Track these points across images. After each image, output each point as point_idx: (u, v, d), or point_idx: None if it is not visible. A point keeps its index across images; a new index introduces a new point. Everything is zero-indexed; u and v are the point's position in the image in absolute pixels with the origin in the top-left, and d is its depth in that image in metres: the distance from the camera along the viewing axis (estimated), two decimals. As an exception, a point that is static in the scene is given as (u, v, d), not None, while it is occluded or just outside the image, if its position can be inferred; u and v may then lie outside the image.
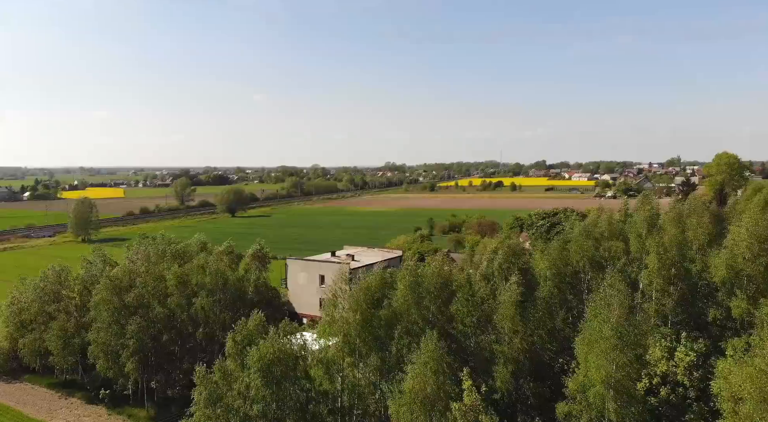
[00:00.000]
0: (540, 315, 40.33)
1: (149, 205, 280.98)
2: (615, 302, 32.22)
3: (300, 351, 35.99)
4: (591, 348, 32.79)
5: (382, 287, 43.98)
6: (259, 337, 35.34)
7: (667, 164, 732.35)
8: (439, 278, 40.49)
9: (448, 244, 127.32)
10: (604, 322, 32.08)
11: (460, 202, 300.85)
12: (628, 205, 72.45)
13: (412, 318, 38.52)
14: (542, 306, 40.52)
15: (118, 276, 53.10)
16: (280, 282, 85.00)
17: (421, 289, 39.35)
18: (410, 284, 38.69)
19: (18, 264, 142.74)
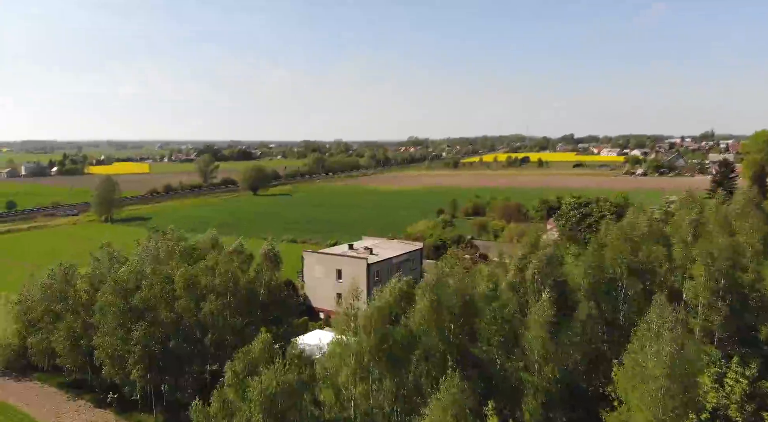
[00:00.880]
0: (578, 339, 36.02)
1: (173, 181, 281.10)
2: (666, 337, 28.12)
3: (309, 380, 32.79)
4: (635, 386, 28.95)
5: (401, 301, 40.56)
6: (263, 364, 32.18)
7: (700, 138, 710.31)
8: (462, 295, 36.60)
9: (471, 229, 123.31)
10: (652, 358, 28.08)
11: (484, 180, 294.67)
12: (669, 204, 67.32)
13: (432, 341, 34.94)
14: (579, 330, 36.25)
15: (123, 278, 50.50)
16: (296, 275, 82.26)
17: (441, 308, 35.66)
18: (429, 303, 34.98)
19: (40, 245, 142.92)
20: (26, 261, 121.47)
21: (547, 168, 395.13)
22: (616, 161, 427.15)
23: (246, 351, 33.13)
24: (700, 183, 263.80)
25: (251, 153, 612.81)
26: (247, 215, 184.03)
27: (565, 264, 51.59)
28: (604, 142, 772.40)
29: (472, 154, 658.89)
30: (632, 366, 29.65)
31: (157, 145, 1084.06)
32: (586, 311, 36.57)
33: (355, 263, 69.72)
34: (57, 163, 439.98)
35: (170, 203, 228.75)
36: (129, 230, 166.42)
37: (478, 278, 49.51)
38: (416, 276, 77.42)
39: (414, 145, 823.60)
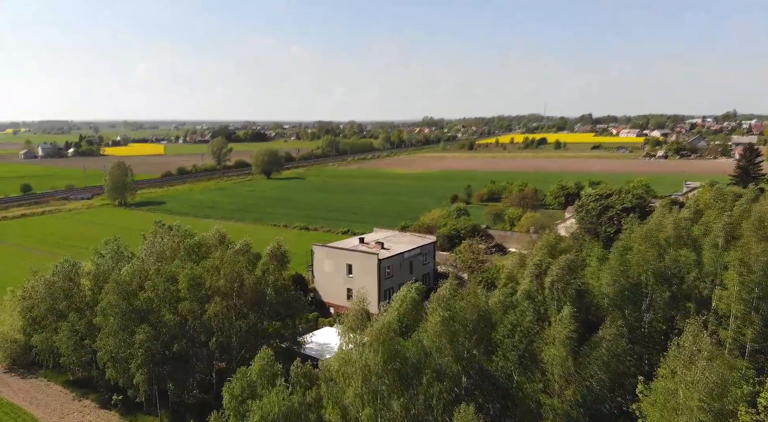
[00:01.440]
0: (604, 359, 33.23)
1: (187, 163, 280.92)
2: (702, 367, 25.58)
3: (315, 400, 30.81)
4: (665, 416, 26.54)
5: (412, 311, 38.35)
6: (263, 385, 30.24)
7: (721, 118, 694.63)
8: (476, 310, 34.14)
9: (486, 218, 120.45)
10: (686, 388, 25.61)
11: (501, 163, 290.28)
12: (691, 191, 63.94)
13: (445, 360, 32.69)
14: (606, 349, 33.48)
15: (125, 279, 48.86)
16: (306, 268, 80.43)
17: (455, 325, 33.29)
18: (442, 320, 32.63)
19: (53, 231, 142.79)
20: (38, 248, 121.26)
21: (565, 150, 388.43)
22: (635, 143, 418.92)
23: (244, 372, 31.17)
24: (722, 166, 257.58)
25: (265, 134, 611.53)
26: (259, 200, 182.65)
27: (588, 266, 49.04)
28: (622, 123, 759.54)
29: (488, 135, 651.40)
30: (663, 393, 27.21)
31: (173, 125, 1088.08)
32: (614, 330, 33.90)
33: (365, 258, 67.62)
34: (73, 145, 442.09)
35: (183, 186, 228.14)
36: (141, 215, 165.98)
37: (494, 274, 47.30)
38: (429, 271, 75.18)
39: (429, 125, 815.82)
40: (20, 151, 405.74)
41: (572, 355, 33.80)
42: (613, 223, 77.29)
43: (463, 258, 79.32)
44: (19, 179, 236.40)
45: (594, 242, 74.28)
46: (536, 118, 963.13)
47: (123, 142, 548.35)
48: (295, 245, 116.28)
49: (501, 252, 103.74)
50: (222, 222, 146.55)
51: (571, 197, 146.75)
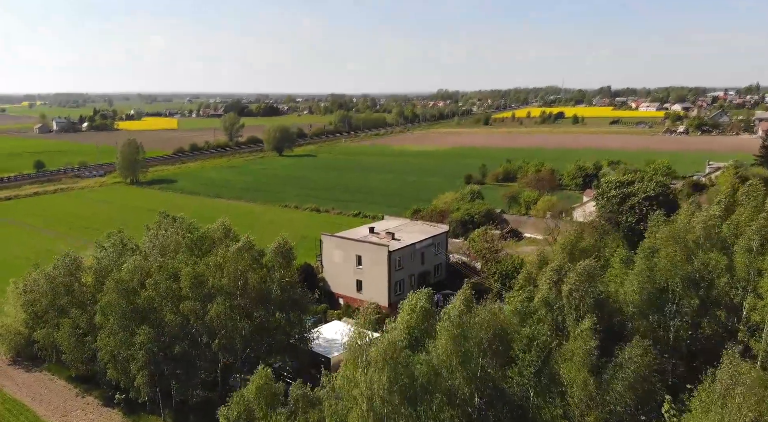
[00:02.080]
0: (630, 380, 30.60)
1: (200, 139, 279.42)
2: (740, 405, 23.06)
3: None
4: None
5: (423, 322, 36.08)
6: (262, 409, 28.30)
7: (744, 91, 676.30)
8: (491, 328, 31.65)
9: (501, 201, 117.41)
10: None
11: (517, 139, 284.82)
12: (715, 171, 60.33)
13: (456, 382, 30.44)
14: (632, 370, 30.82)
15: (125, 278, 47.07)
16: (315, 257, 78.42)
17: (467, 343, 30.90)
18: (452, 339, 30.26)
19: (65, 210, 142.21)
20: (50, 229, 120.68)
21: (583, 125, 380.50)
22: (655, 117, 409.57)
23: (241, 395, 29.24)
24: (745, 143, 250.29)
25: (278, 108, 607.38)
26: (271, 179, 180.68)
27: (611, 267, 46.31)
28: (642, 96, 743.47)
29: (504, 109, 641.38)
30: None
31: (187, 98, 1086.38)
32: (641, 351, 31.27)
33: (375, 250, 65.38)
34: (87, 119, 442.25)
35: (195, 164, 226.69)
36: (153, 194, 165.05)
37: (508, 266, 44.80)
38: (440, 261, 72.86)
39: (443, 98, 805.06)
40: (35, 126, 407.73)
41: (593, 373, 31.51)
42: (635, 213, 74.07)
43: (476, 248, 76.78)
44: (33, 155, 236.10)
45: (616, 237, 71.37)
46: (554, 90, 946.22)
47: (137, 115, 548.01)
48: (305, 228, 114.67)
49: (516, 238, 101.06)
50: (233, 203, 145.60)
51: (589, 178, 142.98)
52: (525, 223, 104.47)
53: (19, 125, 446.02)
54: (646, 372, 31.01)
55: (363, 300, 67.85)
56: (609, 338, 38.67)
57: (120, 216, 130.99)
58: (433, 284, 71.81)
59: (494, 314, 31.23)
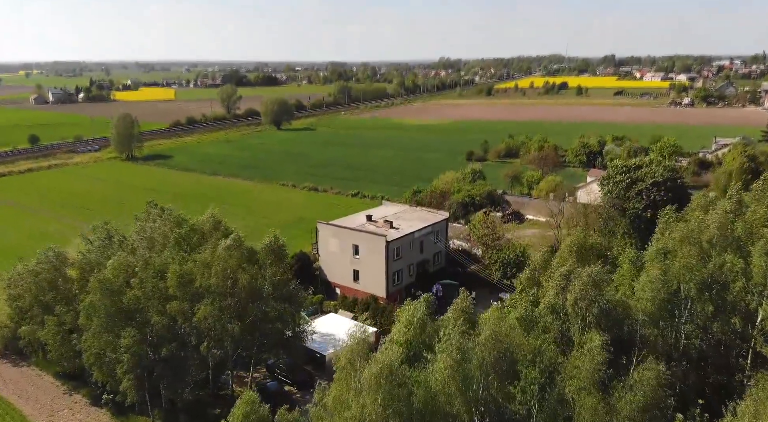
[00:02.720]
0: (641, 406, 28.41)
1: (197, 111, 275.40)
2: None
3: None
4: None
5: (422, 333, 33.95)
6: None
7: (750, 61, 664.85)
8: (494, 349, 29.29)
9: (503, 181, 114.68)
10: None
11: (520, 111, 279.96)
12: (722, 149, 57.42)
13: (455, 409, 28.38)
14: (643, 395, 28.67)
15: (109, 278, 44.84)
16: (311, 247, 76.22)
17: (469, 365, 28.64)
18: (452, 366, 27.98)
19: (59, 188, 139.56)
20: (43, 209, 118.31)
21: (587, 96, 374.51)
22: (660, 88, 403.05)
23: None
24: (751, 116, 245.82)
25: (276, 78, 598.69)
26: (268, 155, 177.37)
27: (620, 268, 44.04)
28: (646, 64, 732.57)
29: (507, 78, 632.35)
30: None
31: (185, 66, 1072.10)
32: (653, 374, 29.11)
33: (373, 240, 63.08)
34: (83, 90, 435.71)
35: (192, 138, 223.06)
36: (149, 171, 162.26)
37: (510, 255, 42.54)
38: (440, 250, 70.69)
39: (445, 67, 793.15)
40: (31, 96, 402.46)
41: (600, 389, 29.56)
42: (642, 198, 71.44)
43: (477, 234, 74.49)
44: (29, 128, 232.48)
45: (622, 223, 68.95)
46: (557, 59, 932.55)
47: (133, 86, 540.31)
48: (303, 208, 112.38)
49: (518, 221, 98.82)
50: (230, 180, 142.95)
51: (593, 155, 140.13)
52: (527, 205, 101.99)
53: (14, 96, 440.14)
54: (659, 396, 28.95)
55: (360, 290, 66.00)
56: (616, 347, 36.72)
57: (115, 196, 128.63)
58: (432, 273, 69.87)
59: (498, 336, 28.92)
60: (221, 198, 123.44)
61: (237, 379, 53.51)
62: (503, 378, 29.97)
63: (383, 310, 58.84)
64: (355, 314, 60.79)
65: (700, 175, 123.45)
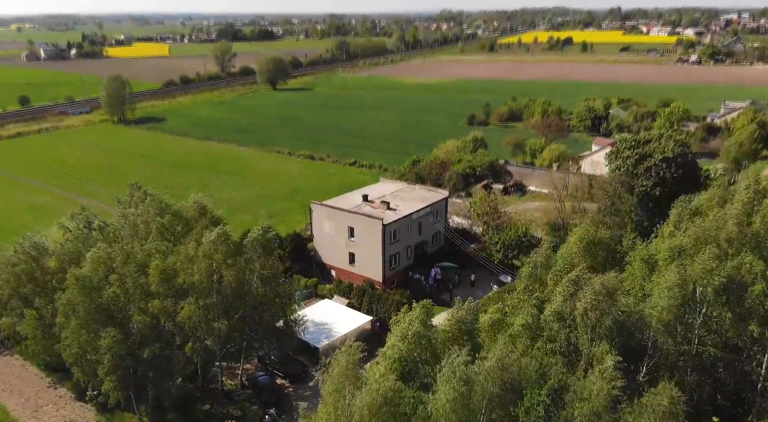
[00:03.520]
0: None
1: (191, 68, 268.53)
2: None
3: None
4: None
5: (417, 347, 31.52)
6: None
7: (759, 14, 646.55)
8: (500, 378, 26.66)
9: (505, 150, 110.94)
10: None
11: (523, 70, 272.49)
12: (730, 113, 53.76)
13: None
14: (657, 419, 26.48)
15: (86, 274, 42.21)
16: (305, 228, 73.44)
17: (472, 397, 26.09)
18: (458, 396, 25.38)
19: (50, 154, 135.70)
20: (32, 179, 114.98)
21: (592, 53, 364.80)
22: (666, 43, 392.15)
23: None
24: (759, 74, 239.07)
25: (273, 32, 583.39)
26: (264, 119, 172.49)
27: (629, 264, 41.35)
28: (653, 18, 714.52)
29: (510, 32, 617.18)
30: None
31: (179, 19, 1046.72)
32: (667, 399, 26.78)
33: (369, 223, 60.19)
34: (75, 45, 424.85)
35: (186, 98, 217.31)
36: (141, 135, 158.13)
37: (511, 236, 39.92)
38: (439, 230, 68.01)
39: (446, 20, 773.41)
40: (22, 53, 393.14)
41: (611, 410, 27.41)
42: (651, 175, 68.17)
43: (478, 211, 71.66)
44: (19, 88, 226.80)
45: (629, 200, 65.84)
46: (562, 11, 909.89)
47: (126, 41, 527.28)
48: (299, 178, 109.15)
49: (520, 193, 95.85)
50: (224, 146, 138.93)
51: (599, 120, 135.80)
52: (530, 176, 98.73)
53: (6, 52, 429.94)
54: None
55: (356, 273, 63.64)
56: (626, 354, 34.46)
57: (106, 163, 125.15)
58: (431, 254, 67.38)
59: (505, 365, 26.37)
60: (215, 166, 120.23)
61: (227, 371, 51.68)
62: (507, 405, 27.68)
63: (379, 297, 56.53)
64: (350, 301, 58.52)
65: (708, 141, 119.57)
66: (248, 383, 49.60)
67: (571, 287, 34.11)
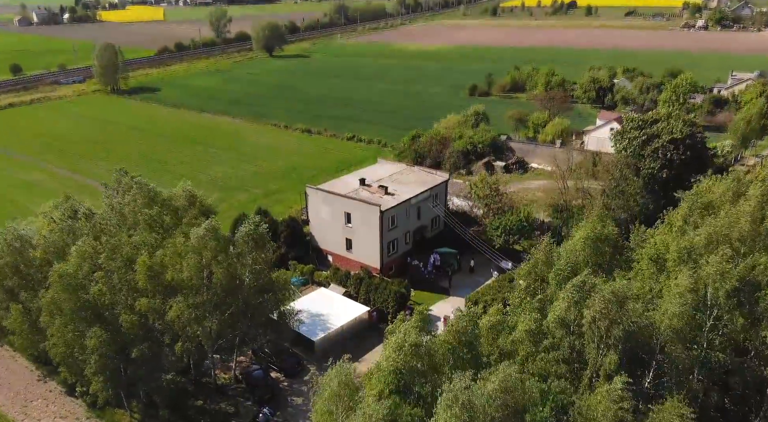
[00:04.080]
0: None
1: (186, 34, 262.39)
2: None
3: None
4: None
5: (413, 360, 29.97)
6: None
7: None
8: (506, 403, 24.99)
9: (507, 124, 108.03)
10: None
11: (526, 35, 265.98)
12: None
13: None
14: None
15: (70, 272, 40.46)
16: (301, 212, 71.45)
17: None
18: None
19: (41, 128, 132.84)
20: (24, 154, 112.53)
21: (596, 17, 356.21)
22: (672, 7, 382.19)
23: None
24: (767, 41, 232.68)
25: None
26: (260, 89, 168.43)
27: (636, 262, 39.63)
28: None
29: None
30: None
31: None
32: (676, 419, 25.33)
33: (366, 209, 58.18)
34: (68, 10, 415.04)
35: (181, 67, 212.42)
36: (135, 106, 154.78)
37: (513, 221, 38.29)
38: (438, 214, 66.12)
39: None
40: (15, 18, 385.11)
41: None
42: (658, 157, 65.90)
43: (479, 193, 69.56)
44: (11, 55, 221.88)
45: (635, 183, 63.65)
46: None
47: (120, 4, 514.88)
48: (296, 154, 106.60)
49: (522, 171, 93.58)
50: (219, 118, 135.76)
51: (604, 91, 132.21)
52: (533, 152, 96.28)
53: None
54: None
55: (353, 259, 62.04)
56: (633, 362, 33.12)
57: (99, 137, 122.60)
58: (430, 238, 65.67)
59: (508, 389, 24.78)
60: (209, 140, 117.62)
61: (220, 364, 50.53)
62: None
63: (377, 287, 54.97)
64: (347, 290, 57.02)
65: (714, 114, 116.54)
66: (242, 377, 48.48)
67: (575, 294, 32.38)
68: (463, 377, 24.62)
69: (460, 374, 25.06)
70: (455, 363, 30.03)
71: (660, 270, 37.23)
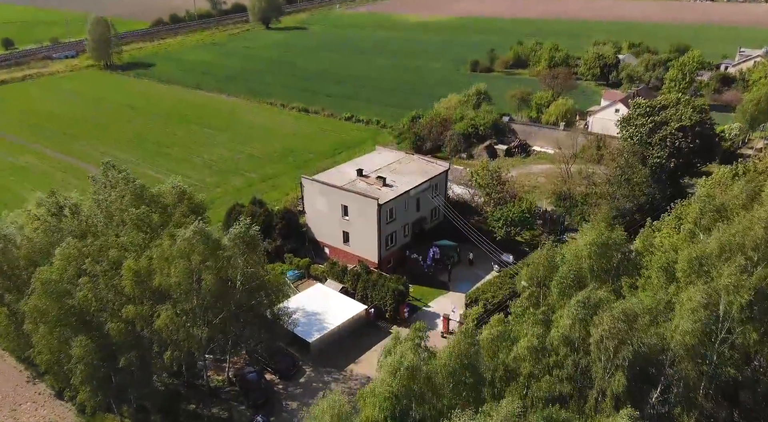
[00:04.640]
0: None
1: (181, 5, 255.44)
2: None
3: None
4: None
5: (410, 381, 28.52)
6: None
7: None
8: None
9: (510, 104, 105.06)
10: None
11: (529, 7, 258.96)
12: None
13: None
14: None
15: (53, 278, 38.76)
16: (296, 202, 69.41)
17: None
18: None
19: (33, 106, 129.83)
20: (13, 135, 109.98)
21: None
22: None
23: None
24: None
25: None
26: (256, 63, 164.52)
27: (645, 268, 37.90)
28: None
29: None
30: None
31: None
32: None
33: (363, 202, 56.15)
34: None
35: (176, 40, 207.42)
36: (128, 82, 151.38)
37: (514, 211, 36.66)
38: (438, 204, 64.20)
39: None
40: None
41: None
42: (666, 145, 63.66)
43: (480, 182, 67.52)
44: (3, 28, 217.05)
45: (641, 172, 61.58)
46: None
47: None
48: (293, 136, 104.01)
49: (524, 154, 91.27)
50: (214, 96, 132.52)
51: (608, 68, 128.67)
52: (536, 134, 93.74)
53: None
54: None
55: (350, 252, 60.38)
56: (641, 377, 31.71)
57: (93, 116, 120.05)
58: (429, 230, 63.92)
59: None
60: (204, 119, 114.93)
61: (213, 365, 49.31)
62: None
63: (374, 284, 53.34)
64: (344, 286, 55.44)
65: (721, 92, 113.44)
66: (236, 379, 47.26)
67: (580, 311, 30.71)
68: (462, 415, 23.08)
69: (459, 413, 23.49)
70: (456, 388, 28.59)
71: (670, 280, 35.52)
